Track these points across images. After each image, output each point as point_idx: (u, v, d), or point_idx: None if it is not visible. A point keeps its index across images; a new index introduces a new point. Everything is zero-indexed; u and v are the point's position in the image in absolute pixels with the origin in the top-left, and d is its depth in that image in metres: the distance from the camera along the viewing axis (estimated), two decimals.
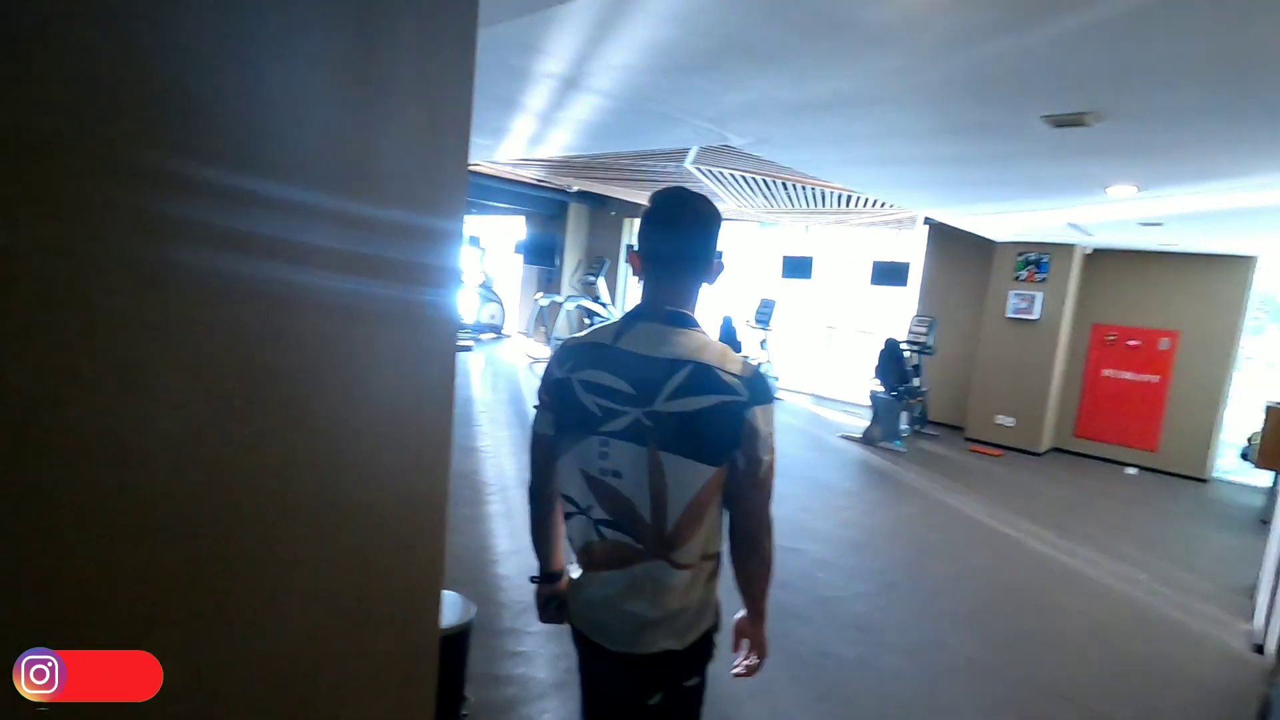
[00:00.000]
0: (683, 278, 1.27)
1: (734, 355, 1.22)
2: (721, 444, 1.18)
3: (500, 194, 10.47)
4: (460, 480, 4.70)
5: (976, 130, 3.00)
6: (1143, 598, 3.87)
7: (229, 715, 1.21)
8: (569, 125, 3.74)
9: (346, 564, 1.48)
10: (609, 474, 1.21)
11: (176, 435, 1.10)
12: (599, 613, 1.28)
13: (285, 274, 1.29)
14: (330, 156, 1.24)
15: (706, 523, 1.21)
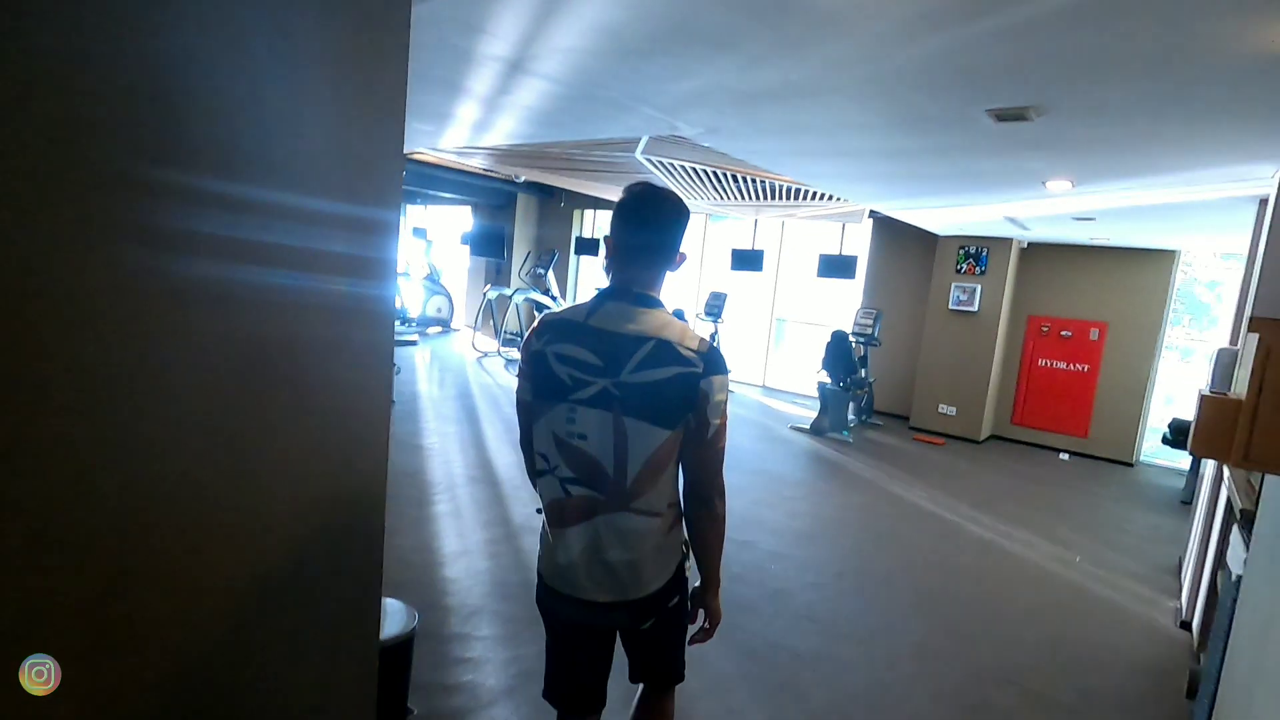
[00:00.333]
0: (650, 264, 1.41)
1: (692, 333, 1.37)
2: (677, 409, 1.33)
3: (446, 183, 10.19)
4: (405, 479, 4.54)
5: (925, 123, 3.02)
6: (1078, 579, 4.01)
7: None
8: (516, 112, 3.62)
9: (275, 573, 1.37)
10: (575, 436, 1.35)
11: (76, 441, 1.00)
12: (582, 572, 1.39)
13: (184, 267, 1.18)
14: (250, 142, 1.17)
15: (664, 478, 1.37)
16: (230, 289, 1.23)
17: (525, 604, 3.03)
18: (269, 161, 1.27)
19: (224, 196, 1.20)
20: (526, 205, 11.69)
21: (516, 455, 5.40)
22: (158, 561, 1.14)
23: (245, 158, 1.23)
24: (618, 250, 1.41)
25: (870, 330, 7.80)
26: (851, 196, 5.63)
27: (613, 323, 1.35)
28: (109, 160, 0.98)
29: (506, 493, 4.47)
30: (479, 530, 3.82)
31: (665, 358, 1.31)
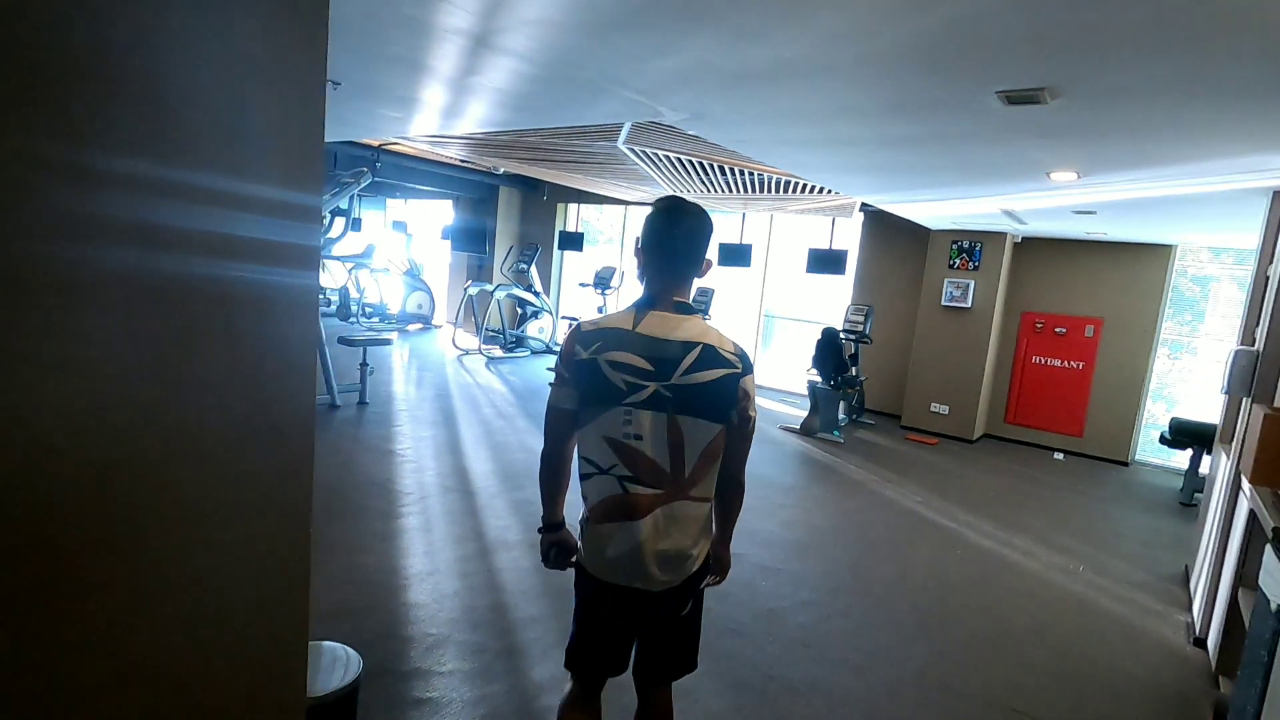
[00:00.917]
0: (683, 273, 1.54)
1: (725, 337, 1.53)
2: (725, 406, 1.49)
3: (425, 176, 9.88)
4: (374, 489, 4.27)
5: (927, 107, 2.79)
6: (1081, 591, 3.82)
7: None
8: (486, 95, 3.35)
9: (177, 619, 1.14)
10: (631, 437, 1.49)
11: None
12: (634, 563, 1.51)
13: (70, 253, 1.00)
14: (152, 115, 0.99)
15: (715, 466, 1.55)
16: (128, 277, 1.02)
17: (496, 632, 2.78)
18: (160, 135, 1.05)
19: (110, 174, 0.98)
20: (509, 199, 11.38)
21: (494, 462, 5.17)
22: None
23: (134, 131, 1.00)
24: (651, 261, 1.54)
25: (861, 327, 7.60)
26: (844, 189, 5.40)
27: (660, 330, 1.48)
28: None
29: (482, 503, 4.22)
30: (450, 546, 3.56)
31: (713, 361, 1.47)
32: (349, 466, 4.67)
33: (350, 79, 3.34)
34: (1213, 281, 8.66)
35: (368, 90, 3.53)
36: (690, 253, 1.53)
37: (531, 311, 10.70)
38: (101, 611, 1.04)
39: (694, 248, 1.53)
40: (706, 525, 1.60)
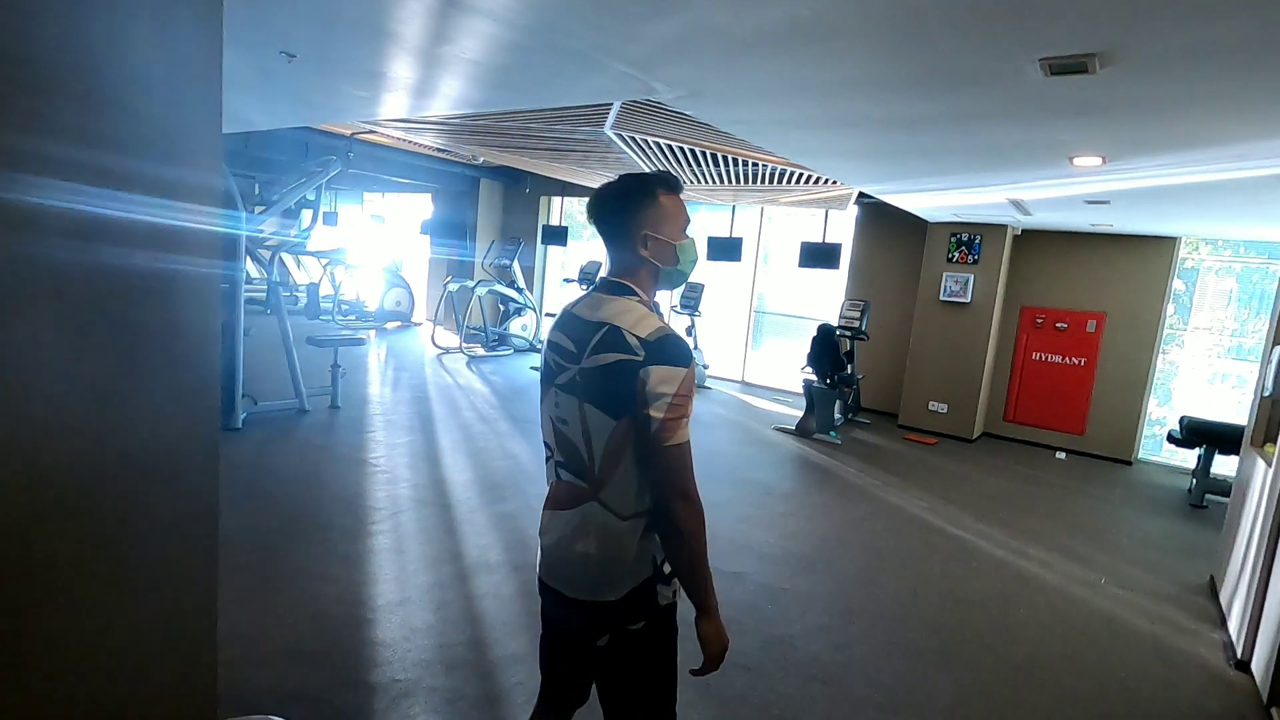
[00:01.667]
0: (616, 251, 1.41)
1: (651, 321, 1.31)
2: (621, 398, 1.28)
3: (401, 167, 9.47)
4: (341, 505, 3.91)
5: (954, 79, 2.48)
6: (1106, 606, 3.57)
7: None
8: (460, 69, 3.00)
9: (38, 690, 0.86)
10: (559, 421, 1.39)
11: None
12: (554, 558, 1.40)
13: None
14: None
15: (620, 472, 1.32)
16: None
17: (475, 674, 2.45)
18: (80, 109, 0.83)
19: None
20: (490, 192, 10.99)
21: (474, 471, 4.83)
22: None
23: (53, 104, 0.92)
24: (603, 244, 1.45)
25: (858, 323, 7.33)
26: (843, 177, 5.11)
27: (587, 310, 1.39)
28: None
29: (460, 519, 3.88)
30: (423, 571, 3.22)
31: (611, 344, 1.30)
32: (315, 479, 4.31)
33: (306, 50, 2.97)
34: (1203, 274, 8.46)
35: (327, 63, 3.17)
36: (615, 230, 1.40)
37: (514, 308, 10.33)
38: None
39: (618, 224, 1.39)
40: (630, 554, 1.33)
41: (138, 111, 1.02)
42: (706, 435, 6.43)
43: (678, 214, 1.41)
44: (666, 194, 1.39)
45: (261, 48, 2.99)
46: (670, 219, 1.39)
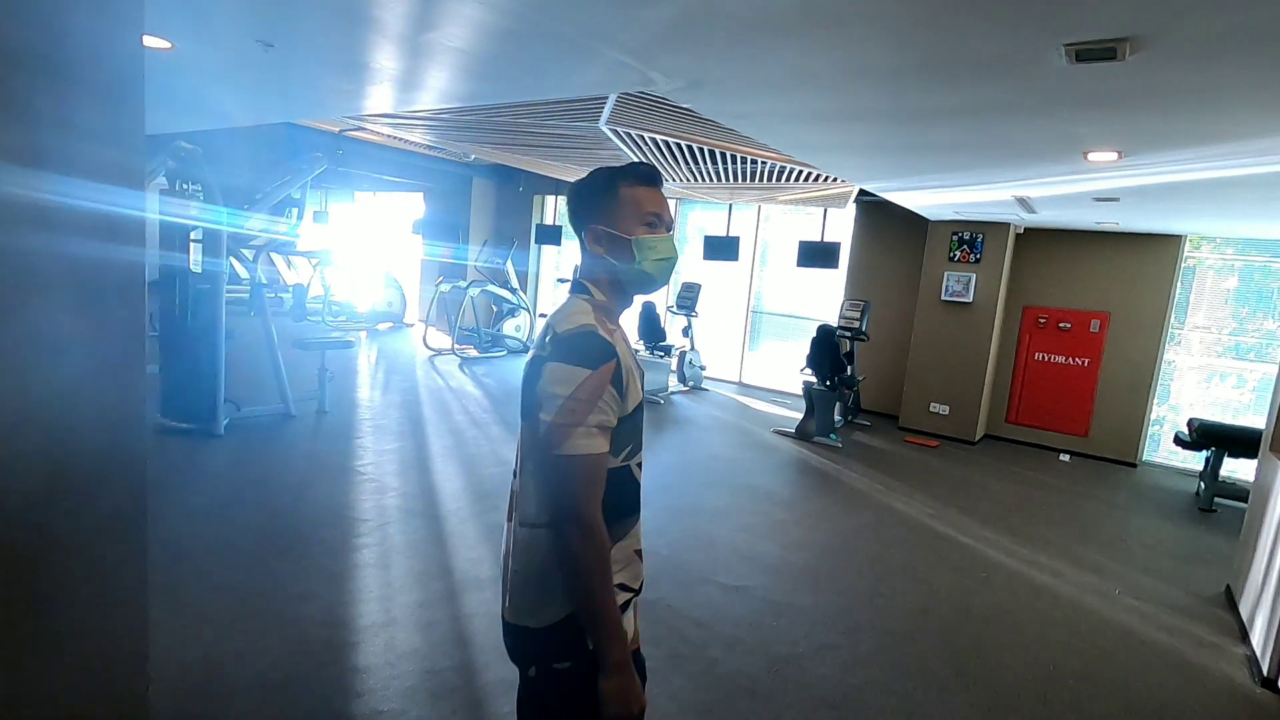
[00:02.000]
0: (581, 249, 1.32)
1: (578, 318, 1.20)
2: (530, 399, 1.19)
3: (392, 166, 9.31)
4: (326, 517, 3.75)
5: (972, 68, 2.34)
6: (1122, 618, 3.44)
7: None
8: (447, 59, 2.84)
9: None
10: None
11: None
12: (504, 573, 1.30)
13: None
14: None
15: (527, 476, 1.23)
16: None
17: (463, 703, 2.30)
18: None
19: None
20: (483, 191, 10.82)
21: (465, 479, 4.66)
22: None
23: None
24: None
25: (858, 324, 7.19)
26: (846, 174, 4.96)
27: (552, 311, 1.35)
28: None
29: (450, 530, 3.72)
30: (411, 588, 3.06)
31: (539, 343, 1.25)
32: (299, 488, 4.14)
33: (283, 38, 2.81)
34: (1201, 273, 8.36)
35: (307, 53, 3.00)
36: (574, 225, 1.33)
37: (508, 309, 10.16)
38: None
39: (576, 219, 1.32)
40: (550, 575, 1.18)
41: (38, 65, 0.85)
42: (704, 438, 6.28)
43: (640, 206, 1.26)
44: (631, 185, 1.26)
45: (237, 36, 2.83)
46: (628, 211, 1.26)
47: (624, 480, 1.23)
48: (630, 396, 1.19)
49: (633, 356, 1.26)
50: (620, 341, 1.22)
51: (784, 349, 8.99)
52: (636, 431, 1.23)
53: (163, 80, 3.64)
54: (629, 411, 1.20)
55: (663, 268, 1.27)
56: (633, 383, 1.21)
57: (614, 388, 1.15)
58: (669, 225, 1.29)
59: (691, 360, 8.52)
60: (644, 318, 8.25)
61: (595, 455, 1.12)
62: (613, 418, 1.16)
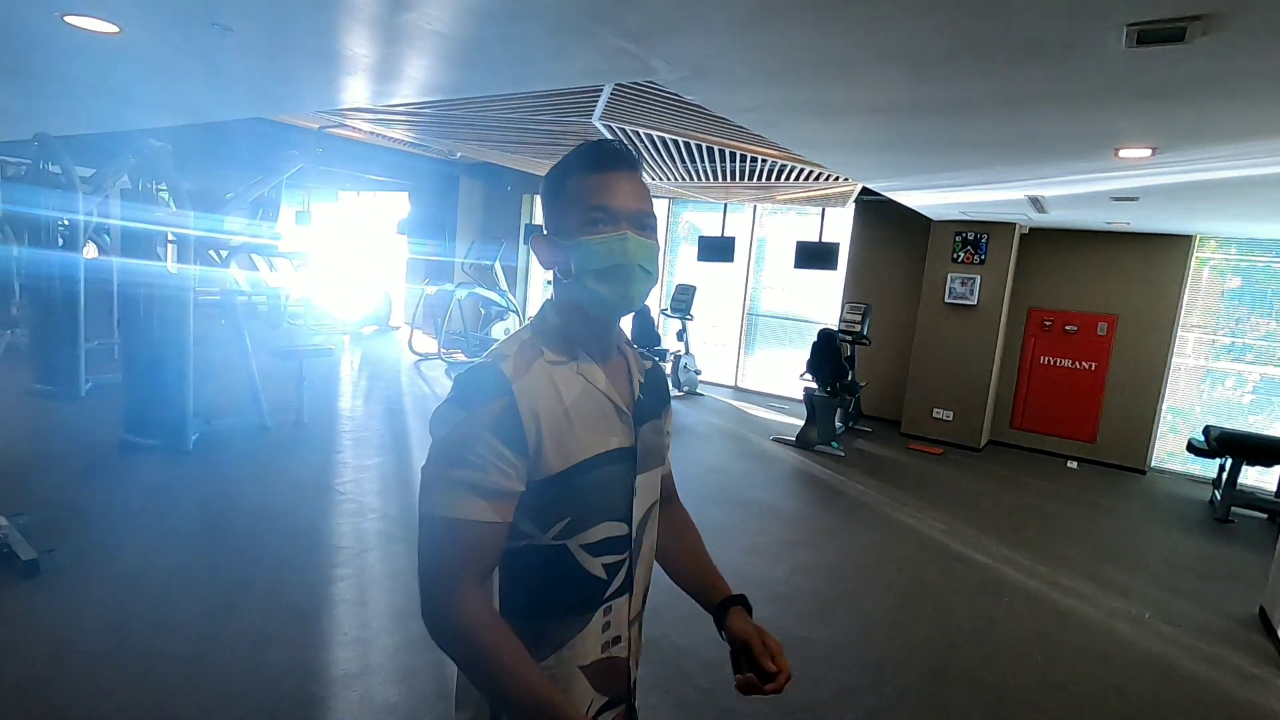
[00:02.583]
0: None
1: (499, 348, 0.96)
2: None
3: (376, 165, 8.98)
4: (299, 543, 3.46)
5: (1015, 54, 2.09)
6: (1157, 647, 3.21)
7: None
8: (427, 45, 2.57)
9: None
10: None
11: None
12: None
13: None
14: None
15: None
16: None
17: None
18: None
19: None
20: (470, 190, 10.51)
21: None
22: None
23: None
24: None
25: (859, 327, 6.97)
26: (853, 173, 4.72)
27: None
28: None
29: None
30: (390, 628, 2.78)
31: None
32: (272, 511, 3.84)
33: (243, 21, 2.52)
34: (1197, 271, 8.20)
35: (271, 38, 2.71)
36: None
37: (496, 312, 9.86)
38: None
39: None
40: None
41: None
42: (703, 448, 6.03)
43: (584, 199, 0.94)
44: (579, 175, 0.95)
45: (188, 18, 2.53)
46: (571, 209, 0.95)
47: (558, 564, 0.94)
48: (554, 452, 0.90)
49: (590, 402, 0.95)
50: (552, 381, 0.93)
51: (781, 352, 8.76)
52: (578, 500, 0.93)
53: (117, 70, 3.34)
54: (555, 471, 0.91)
55: (612, 279, 0.93)
56: (566, 436, 0.91)
57: (500, 438, 0.87)
58: (632, 218, 0.93)
59: (687, 365, 8.27)
60: (637, 321, 7.98)
61: (460, 520, 0.87)
62: (503, 477, 0.88)
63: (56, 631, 2.56)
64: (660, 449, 1.09)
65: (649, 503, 1.05)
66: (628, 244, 0.92)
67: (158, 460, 4.42)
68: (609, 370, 1.00)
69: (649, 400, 1.05)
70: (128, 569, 3.02)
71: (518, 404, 0.89)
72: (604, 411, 0.97)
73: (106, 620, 2.64)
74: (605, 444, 0.95)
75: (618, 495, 0.98)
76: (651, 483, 1.05)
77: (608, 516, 0.96)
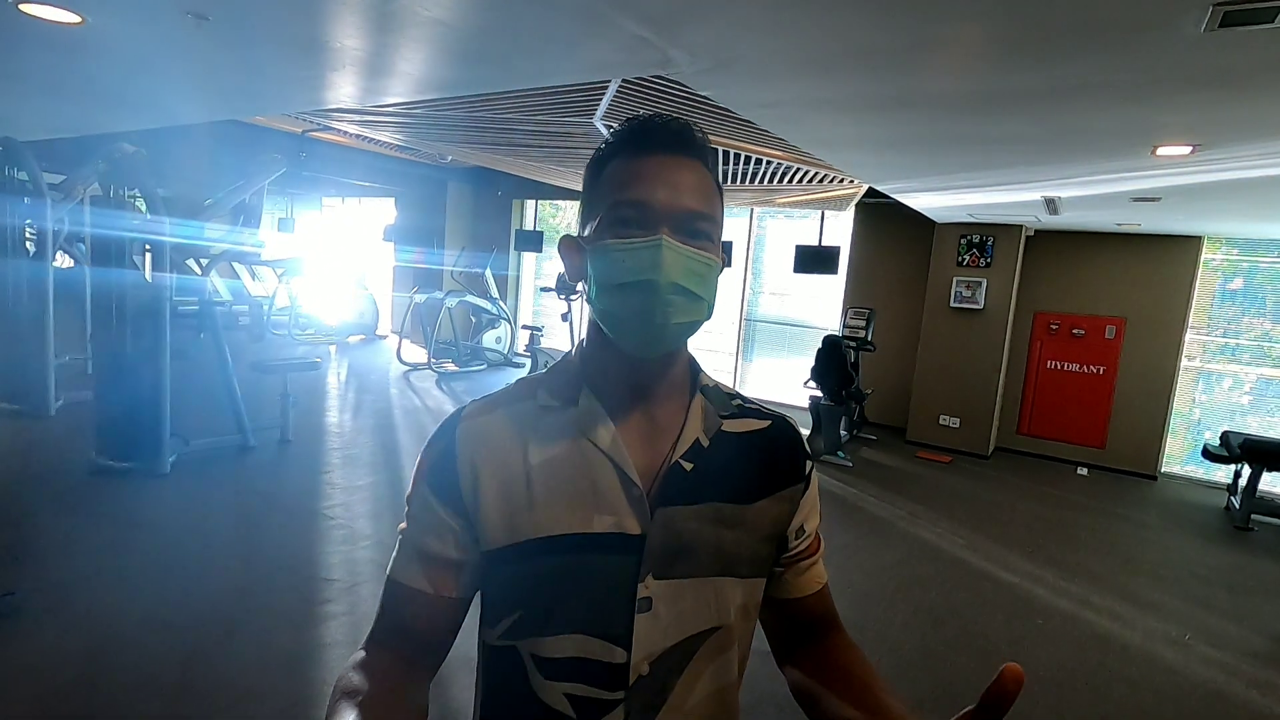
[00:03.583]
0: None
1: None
2: None
3: (362, 170, 8.73)
4: (284, 576, 3.20)
5: (1075, 38, 1.90)
6: (1205, 674, 3.03)
7: None
8: (424, 35, 2.34)
9: None
10: None
11: None
12: None
13: None
14: None
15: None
16: None
17: None
18: None
19: None
20: (459, 195, 10.25)
21: None
22: None
23: None
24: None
25: (863, 333, 6.80)
26: (867, 174, 4.54)
27: None
28: None
29: None
30: None
31: None
32: (255, 541, 3.58)
33: (219, 8, 2.28)
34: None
35: (250, 28, 2.47)
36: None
37: (488, 320, 9.61)
38: None
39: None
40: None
41: None
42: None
43: (613, 191, 0.71)
44: (623, 157, 0.72)
45: (159, 6, 2.29)
46: (600, 200, 0.72)
47: (507, 676, 0.73)
48: (498, 520, 0.70)
49: (576, 462, 0.71)
50: (522, 429, 0.72)
51: (781, 359, 8.57)
52: (530, 591, 0.70)
53: (81, 65, 3.08)
54: (499, 545, 0.70)
55: (635, 301, 0.68)
56: (518, 501, 0.70)
57: (433, 491, 0.72)
58: (677, 220, 0.69)
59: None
60: None
61: (393, 581, 0.75)
62: (438, 540, 0.72)
63: (10, 688, 2.29)
64: (724, 551, 0.74)
65: (689, 631, 0.71)
66: (660, 253, 0.67)
67: (131, 485, 4.13)
68: (632, 424, 0.74)
69: (707, 475, 0.74)
70: (90, 609, 2.76)
71: (456, 450, 0.72)
72: (596, 479, 0.71)
73: (70, 674, 2.38)
74: (585, 523, 0.69)
75: (602, 600, 0.69)
76: (698, 600, 0.72)
77: (579, 628, 0.69)
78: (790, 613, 0.84)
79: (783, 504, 0.79)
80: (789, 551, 0.81)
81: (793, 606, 0.83)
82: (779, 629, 0.85)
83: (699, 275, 0.70)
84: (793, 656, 0.84)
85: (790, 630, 0.85)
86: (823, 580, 0.85)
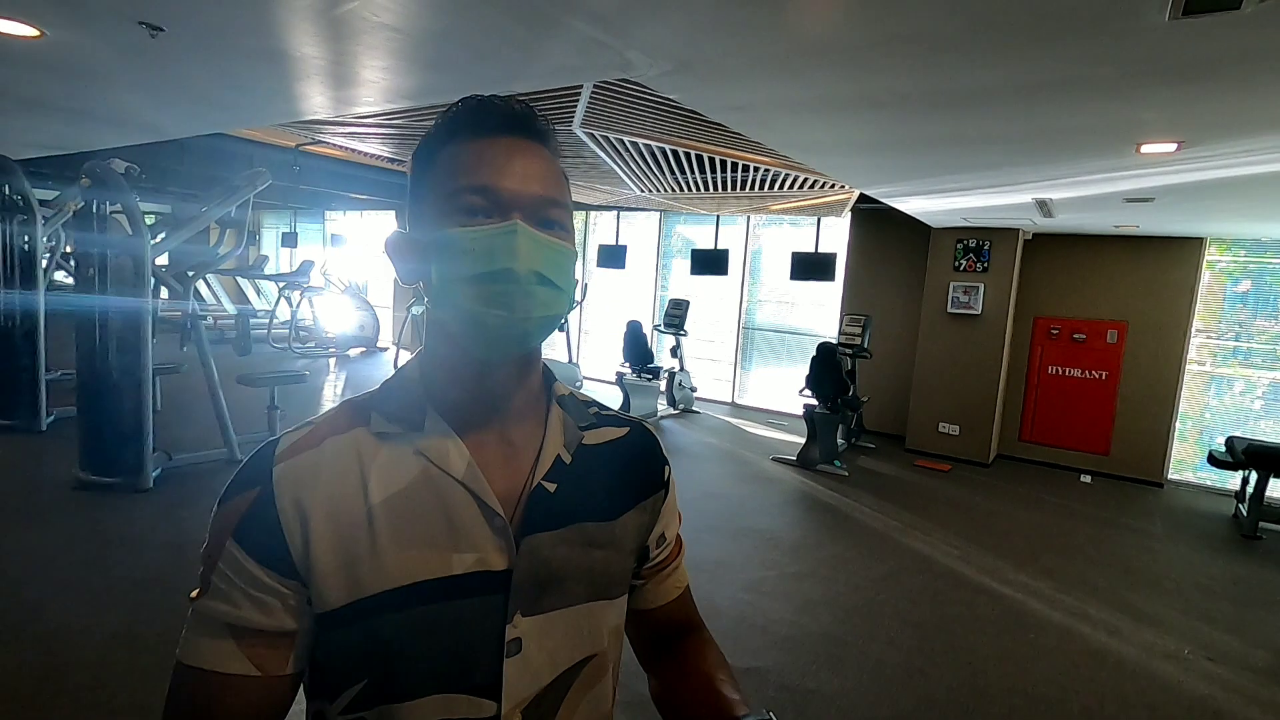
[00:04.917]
0: None
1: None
2: None
3: (358, 183, 8.77)
4: None
5: (1043, 30, 1.83)
6: (1205, 692, 2.91)
7: None
8: (380, 41, 2.31)
9: None
10: None
11: None
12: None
13: None
14: None
15: None
16: None
17: None
18: None
19: None
20: None
21: None
22: None
23: None
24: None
25: (859, 340, 6.70)
26: (849, 178, 4.47)
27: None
28: None
29: None
30: None
31: None
32: None
33: (172, 19, 2.25)
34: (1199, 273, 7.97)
35: (208, 39, 2.45)
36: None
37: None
38: None
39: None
40: None
41: None
42: (699, 470, 5.72)
43: (454, 176, 0.63)
44: (459, 141, 0.65)
45: (115, 17, 2.27)
46: (435, 188, 0.65)
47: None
48: (335, 573, 0.60)
49: (427, 496, 0.63)
50: (359, 463, 0.63)
51: (779, 367, 8.49)
52: (382, 653, 0.60)
53: (48, 81, 3.08)
54: (339, 604, 0.60)
55: (492, 294, 0.61)
56: (360, 549, 0.60)
57: (244, 547, 0.61)
58: (529, 206, 0.63)
59: (681, 382, 7.99)
60: (629, 338, 7.70)
61: (200, 671, 0.60)
62: (256, 608, 0.60)
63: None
64: (595, 574, 0.68)
65: (562, 667, 0.66)
66: (516, 239, 0.60)
67: (113, 501, 4.11)
68: (487, 445, 0.66)
69: (572, 495, 0.68)
70: (60, 630, 2.71)
71: (275, 496, 0.61)
72: (452, 512, 0.62)
73: (25, 692, 2.33)
74: (443, 565, 0.61)
75: (465, 650, 0.61)
76: (571, 631, 0.66)
77: (440, 686, 0.61)
78: (651, 621, 0.80)
79: (645, 514, 0.75)
80: (650, 562, 0.77)
81: (654, 615, 0.80)
82: (641, 639, 0.81)
83: (558, 264, 0.64)
84: (655, 664, 0.80)
85: (652, 639, 0.81)
86: (683, 585, 0.82)
